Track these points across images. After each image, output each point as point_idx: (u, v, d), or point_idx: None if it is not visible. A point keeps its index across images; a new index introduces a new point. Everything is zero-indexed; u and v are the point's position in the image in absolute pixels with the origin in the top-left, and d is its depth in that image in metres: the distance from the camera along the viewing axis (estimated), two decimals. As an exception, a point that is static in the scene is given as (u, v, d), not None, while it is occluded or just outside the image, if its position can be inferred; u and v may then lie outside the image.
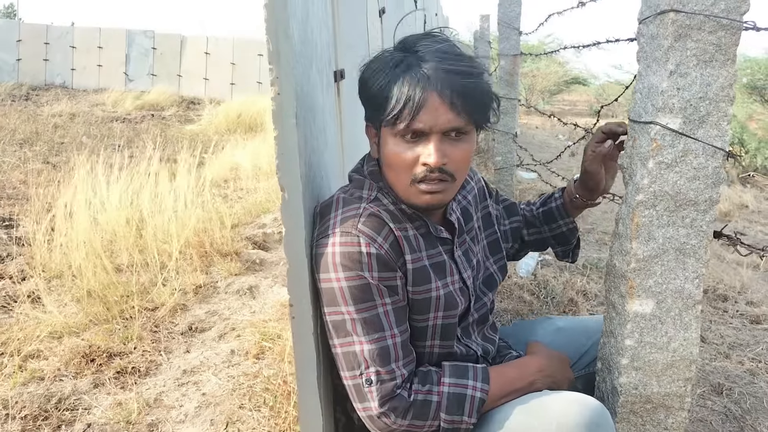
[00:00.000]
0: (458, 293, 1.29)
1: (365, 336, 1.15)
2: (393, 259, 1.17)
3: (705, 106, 1.19)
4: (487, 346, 1.41)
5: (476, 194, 1.48)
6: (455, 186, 1.20)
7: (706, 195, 1.22)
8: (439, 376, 1.21)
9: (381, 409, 1.15)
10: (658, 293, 1.26)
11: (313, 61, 1.30)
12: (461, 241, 1.35)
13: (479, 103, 1.16)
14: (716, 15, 1.15)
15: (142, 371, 2.21)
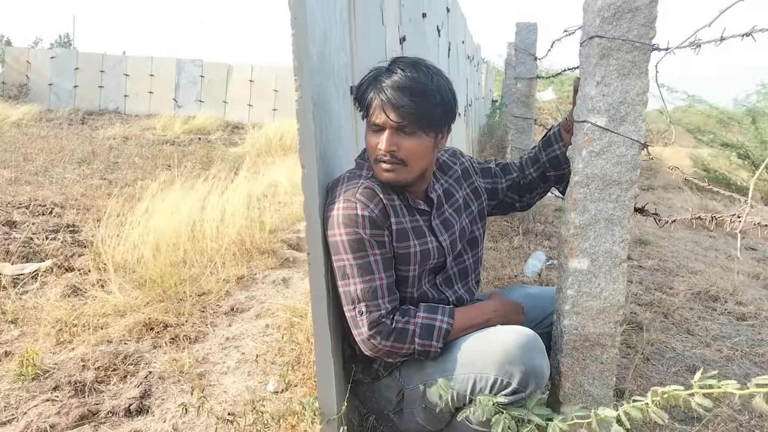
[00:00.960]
0: (434, 251, 1.68)
1: (359, 278, 1.55)
2: (381, 220, 1.57)
3: (624, 108, 1.56)
4: (466, 296, 1.79)
5: (460, 175, 1.86)
6: (409, 170, 1.59)
7: (627, 177, 1.59)
8: (415, 312, 1.61)
9: (369, 333, 1.55)
10: (592, 253, 1.62)
11: (330, 75, 1.72)
12: (440, 213, 1.73)
13: (422, 113, 1.55)
14: (630, 39, 1.53)
15: (192, 338, 2.63)
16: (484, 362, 1.52)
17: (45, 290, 3.34)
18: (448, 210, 1.77)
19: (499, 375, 1.49)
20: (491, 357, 1.51)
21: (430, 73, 1.59)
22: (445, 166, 1.84)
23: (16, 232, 4.69)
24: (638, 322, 3.10)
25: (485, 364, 1.51)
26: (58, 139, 11.32)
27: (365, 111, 1.61)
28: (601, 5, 1.53)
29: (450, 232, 1.75)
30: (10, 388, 2.21)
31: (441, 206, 1.75)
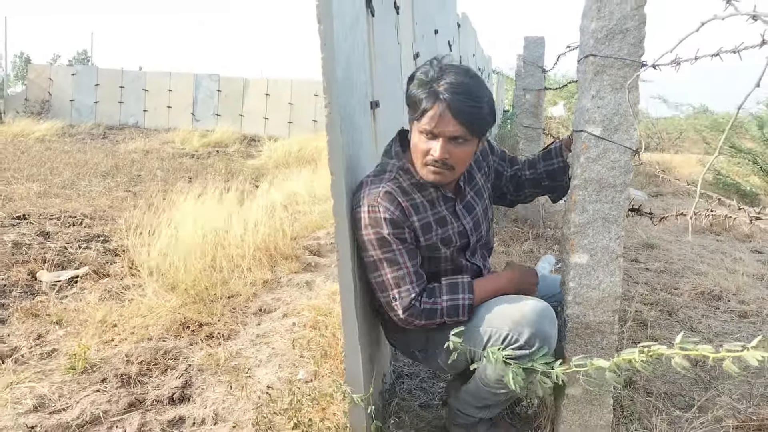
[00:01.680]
0: (455, 236, 1.91)
1: (389, 269, 1.78)
2: (402, 220, 1.78)
3: (617, 119, 1.75)
4: (486, 256, 2.09)
5: (480, 157, 2.07)
6: (455, 173, 1.80)
7: (621, 180, 1.78)
8: (440, 291, 1.84)
9: (403, 315, 1.80)
10: (590, 249, 1.81)
11: (354, 93, 1.93)
12: (463, 198, 1.96)
13: (477, 122, 1.72)
14: (621, 57, 1.72)
15: (225, 336, 2.84)
16: (500, 320, 1.75)
17: (84, 295, 3.56)
18: (470, 193, 1.99)
19: (511, 332, 1.72)
20: (509, 317, 1.74)
21: (480, 83, 1.76)
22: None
23: (50, 242, 4.93)
24: (643, 320, 3.27)
25: (502, 321, 1.75)
26: (82, 153, 11.65)
27: (415, 115, 1.75)
28: (595, 27, 1.72)
29: (472, 214, 1.98)
30: (62, 380, 2.43)
31: (464, 192, 1.97)
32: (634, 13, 1.70)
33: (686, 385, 2.65)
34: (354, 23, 2.05)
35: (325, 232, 4.90)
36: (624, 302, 3.56)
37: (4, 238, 4.86)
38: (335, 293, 3.23)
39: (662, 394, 2.52)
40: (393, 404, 2.18)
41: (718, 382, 2.67)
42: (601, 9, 1.72)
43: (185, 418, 2.17)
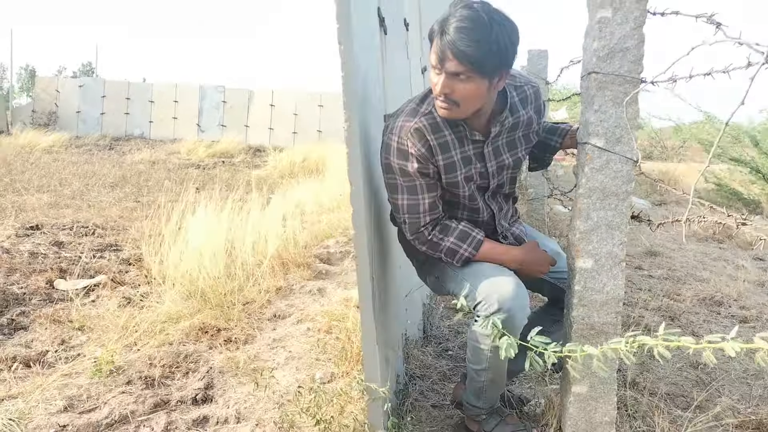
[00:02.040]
0: (476, 175, 2.05)
1: (407, 195, 1.98)
2: (427, 157, 1.93)
3: (619, 132, 1.86)
4: (503, 203, 2.21)
5: (525, 120, 2.10)
6: (462, 110, 1.88)
7: (623, 188, 1.89)
8: (452, 231, 2.03)
9: (410, 237, 2.04)
10: (595, 254, 1.92)
11: (370, 108, 2.05)
12: (494, 142, 2.05)
13: (478, 61, 1.76)
14: (622, 74, 1.84)
15: (242, 340, 2.95)
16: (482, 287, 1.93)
17: (102, 302, 3.67)
18: (502, 141, 2.07)
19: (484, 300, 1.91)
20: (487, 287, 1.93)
21: (490, 23, 1.76)
22: (519, 106, 2.08)
23: (65, 252, 5.05)
24: (646, 325, 3.36)
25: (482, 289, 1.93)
26: (90, 164, 11.81)
27: (430, 49, 1.87)
28: (597, 46, 1.84)
29: (498, 159, 2.08)
30: (89, 383, 2.53)
31: (497, 139, 2.06)
32: (634, 33, 1.82)
33: (688, 386, 2.75)
34: (370, 42, 2.18)
35: (334, 241, 5.01)
36: (627, 308, 3.66)
37: (20, 248, 4.97)
38: (347, 300, 3.34)
39: (664, 394, 2.62)
40: (407, 404, 2.29)
41: (719, 384, 2.76)
42: (602, 29, 1.83)
43: (209, 417, 2.27)
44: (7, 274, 4.23)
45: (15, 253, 4.76)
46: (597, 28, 1.84)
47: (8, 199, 7.31)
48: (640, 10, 1.82)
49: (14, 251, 4.83)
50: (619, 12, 1.82)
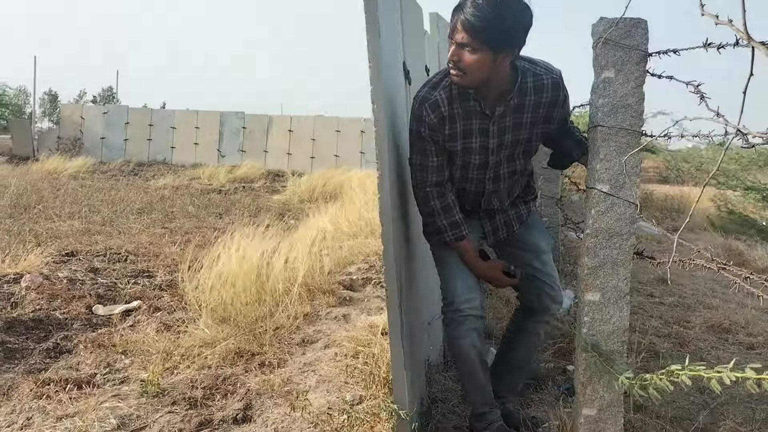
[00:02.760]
0: (477, 150, 2.29)
1: (418, 155, 2.29)
2: (437, 126, 2.22)
3: (622, 178, 2.08)
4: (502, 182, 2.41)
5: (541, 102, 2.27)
6: (469, 79, 2.11)
7: (627, 229, 2.10)
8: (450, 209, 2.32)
9: (414, 189, 2.36)
10: (602, 288, 2.12)
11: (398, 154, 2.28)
12: (500, 121, 2.26)
13: (482, 33, 2.01)
14: (624, 128, 2.06)
15: (275, 364, 3.17)
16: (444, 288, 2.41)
17: (141, 327, 3.91)
18: (509, 121, 2.27)
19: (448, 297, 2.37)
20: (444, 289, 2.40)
21: (501, 2, 2.00)
22: (532, 91, 2.25)
23: (100, 278, 5.31)
24: (656, 351, 3.54)
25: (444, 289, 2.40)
26: (116, 190, 12.16)
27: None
28: (602, 103, 2.06)
29: (502, 138, 2.29)
30: (137, 403, 2.76)
31: (504, 118, 2.26)
32: (635, 92, 2.04)
33: (694, 410, 2.91)
34: (396, 94, 2.42)
35: (356, 268, 5.24)
36: (639, 335, 3.83)
37: (59, 274, 5.24)
38: (371, 326, 3.55)
39: (671, 418, 2.79)
40: (430, 425, 2.48)
41: (724, 408, 2.93)
42: (606, 88, 2.06)
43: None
44: (49, 300, 4.49)
45: (54, 280, 5.02)
46: (602, 86, 2.07)
47: (42, 226, 7.61)
48: (640, 72, 2.04)
49: (53, 278, 5.09)
50: (621, 73, 2.05)
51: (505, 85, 2.21)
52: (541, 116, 2.30)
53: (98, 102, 70.65)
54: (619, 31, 2.02)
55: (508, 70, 2.19)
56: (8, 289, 4.70)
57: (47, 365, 3.36)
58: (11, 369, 3.30)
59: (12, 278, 4.95)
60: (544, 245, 2.58)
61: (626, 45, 2.02)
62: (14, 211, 8.69)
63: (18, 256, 5.76)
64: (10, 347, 3.59)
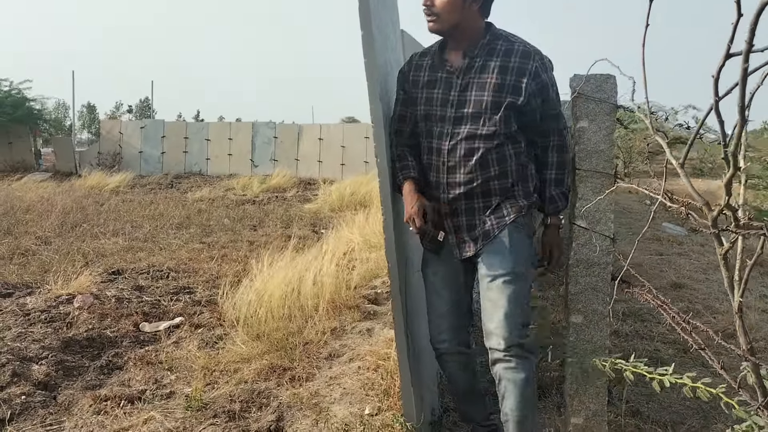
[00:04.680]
0: (438, 99, 2.32)
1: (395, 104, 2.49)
2: (404, 73, 2.44)
3: (598, 215, 2.35)
4: (461, 153, 2.27)
5: (509, 67, 2.23)
6: (441, 21, 2.24)
7: (604, 259, 2.37)
8: (398, 156, 2.42)
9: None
10: (584, 311, 2.40)
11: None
12: (465, 77, 2.29)
13: None
14: (598, 171, 2.33)
15: (304, 378, 3.50)
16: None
17: (184, 344, 4.30)
18: (474, 79, 2.27)
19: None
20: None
21: None
22: (501, 53, 2.25)
23: (145, 295, 5.73)
24: (660, 357, 3.77)
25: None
26: (155, 204, 12.69)
27: None
28: (578, 149, 2.34)
29: (463, 93, 2.28)
30: (183, 416, 3.12)
31: (468, 72, 2.29)
32: (606, 139, 2.32)
33: (689, 414, 3.16)
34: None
35: (381, 281, 5.56)
36: (645, 341, 4.07)
37: (107, 293, 5.67)
38: (391, 340, 3.86)
39: (666, 422, 3.04)
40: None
41: (716, 412, 3.16)
42: (581, 136, 2.34)
43: (281, 444, 2.82)
44: (100, 319, 4.91)
45: (104, 299, 5.45)
46: (578, 134, 2.35)
47: (88, 245, 8.11)
48: (611, 122, 2.32)
49: (102, 297, 5.52)
50: (594, 123, 2.33)
51: (476, 36, 2.28)
52: (508, 84, 2.22)
53: (134, 111, 72.55)
54: (590, 86, 2.30)
55: (479, 21, 2.29)
56: (63, 309, 5.13)
57: (102, 381, 3.76)
58: (70, 386, 3.70)
59: (65, 299, 5.40)
60: (503, 270, 2.22)
61: (597, 98, 2.30)
62: (62, 230, 9.23)
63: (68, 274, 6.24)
64: (68, 365, 4.00)
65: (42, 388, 3.63)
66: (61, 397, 3.53)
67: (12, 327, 4.68)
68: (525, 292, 2.23)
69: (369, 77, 2.26)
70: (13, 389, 3.54)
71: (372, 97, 2.27)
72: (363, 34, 2.22)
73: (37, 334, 4.51)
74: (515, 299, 2.17)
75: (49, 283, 5.81)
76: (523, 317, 2.19)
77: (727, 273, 1.27)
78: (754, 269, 4.85)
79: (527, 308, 2.24)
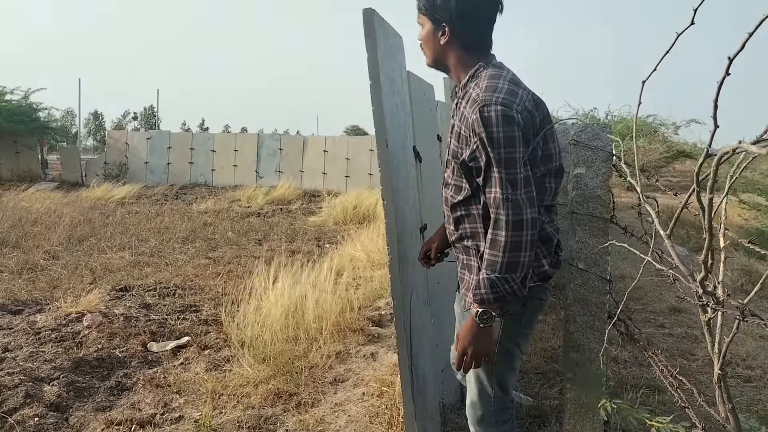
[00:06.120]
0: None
1: None
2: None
3: (594, 256, 2.45)
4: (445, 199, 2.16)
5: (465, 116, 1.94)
6: (426, 57, 2.13)
7: (600, 300, 2.46)
8: None
9: None
10: (581, 349, 2.49)
11: (411, 233, 2.69)
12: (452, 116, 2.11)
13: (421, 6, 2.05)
14: (594, 215, 2.43)
15: (310, 404, 3.59)
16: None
17: (191, 366, 4.39)
18: (454, 120, 2.06)
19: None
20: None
21: None
22: (469, 97, 1.95)
23: (152, 314, 5.83)
24: (657, 386, 3.85)
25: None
26: (161, 216, 12.81)
27: None
28: (575, 194, 2.44)
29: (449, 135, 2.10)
30: (192, 441, 3.22)
31: (455, 113, 2.07)
32: (603, 185, 2.42)
33: (684, 444, 3.23)
34: (407, 178, 2.83)
35: (384, 302, 5.65)
36: (643, 369, 4.15)
37: (115, 311, 5.77)
38: (395, 365, 3.95)
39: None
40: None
41: None
42: (579, 182, 2.44)
43: (287, 472, 2.91)
44: (108, 338, 5.01)
45: (112, 317, 5.55)
46: (575, 180, 2.45)
47: (96, 260, 8.23)
48: (607, 168, 2.42)
49: (111, 315, 5.62)
50: (590, 169, 2.43)
51: (461, 72, 2.05)
52: (463, 134, 1.96)
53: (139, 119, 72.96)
54: (587, 134, 2.41)
55: (457, 56, 2.04)
56: (72, 328, 5.24)
57: (112, 403, 3.85)
58: (81, 407, 3.79)
59: (75, 317, 5.50)
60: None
61: (594, 146, 2.40)
62: (69, 244, 9.35)
63: (77, 290, 6.36)
64: (78, 386, 4.09)
65: (54, 409, 3.73)
66: (72, 419, 3.63)
67: (23, 346, 4.79)
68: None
69: (377, 124, 2.36)
70: (27, 411, 3.64)
71: (379, 143, 2.37)
72: (371, 84, 2.33)
73: (49, 353, 4.62)
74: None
75: (59, 300, 5.93)
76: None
77: (710, 338, 1.36)
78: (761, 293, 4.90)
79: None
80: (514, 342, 2.02)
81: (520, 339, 2.05)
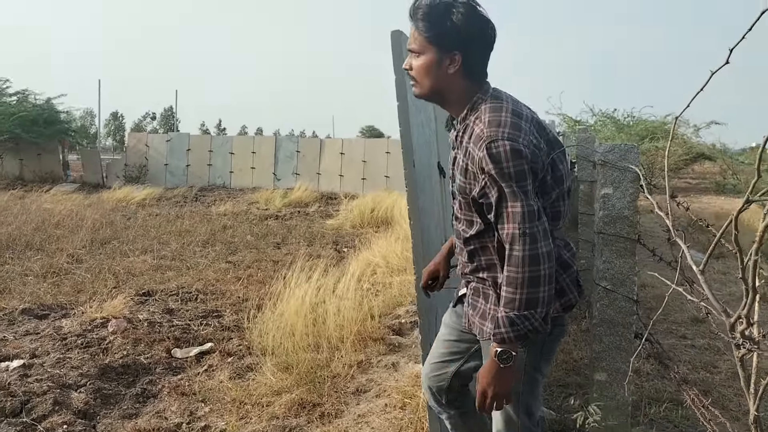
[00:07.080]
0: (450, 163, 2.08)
1: None
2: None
3: (620, 277, 2.46)
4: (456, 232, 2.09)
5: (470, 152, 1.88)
6: (420, 86, 1.95)
7: (626, 320, 2.47)
8: None
9: None
10: (608, 369, 2.50)
11: (434, 247, 2.71)
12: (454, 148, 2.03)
13: (429, 31, 1.87)
14: (621, 235, 2.44)
15: (333, 415, 3.63)
16: None
17: (215, 373, 4.44)
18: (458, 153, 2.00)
19: None
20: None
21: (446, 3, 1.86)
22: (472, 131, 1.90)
23: (176, 319, 5.90)
24: (679, 400, 3.84)
25: None
26: (181, 219, 12.94)
27: None
28: (602, 215, 2.45)
29: (453, 167, 2.04)
30: (218, 452, 3.27)
31: (458, 145, 2.00)
32: (630, 205, 2.43)
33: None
34: (431, 194, 2.85)
35: (404, 310, 5.68)
36: (665, 382, 4.14)
37: (139, 317, 5.84)
38: (417, 376, 3.98)
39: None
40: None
41: None
42: (606, 202, 2.45)
43: (312, 484, 2.95)
44: (133, 344, 5.07)
45: (136, 323, 5.62)
46: (602, 200, 2.46)
47: (118, 263, 8.34)
48: (634, 188, 2.43)
49: (135, 320, 5.70)
50: (618, 189, 2.43)
51: (463, 101, 1.96)
52: (470, 170, 1.90)
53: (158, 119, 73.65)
54: (615, 155, 2.42)
55: (463, 85, 1.94)
56: (98, 333, 5.31)
57: (138, 410, 3.91)
58: (108, 414, 3.86)
59: (100, 322, 5.58)
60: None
61: (622, 166, 2.41)
62: (92, 247, 9.48)
63: (101, 295, 6.45)
64: (105, 393, 4.16)
65: (82, 417, 3.79)
66: (100, 426, 3.70)
67: (50, 352, 4.87)
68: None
69: (404, 144, 2.39)
70: (55, 418, 3.71)
71: (406, 163, 2.40)
72: (399, 104, 2.36)
73: (75, 360, 4.69)
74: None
75: (83, 305, 6.01)
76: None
77: (743, 373, 1.37)
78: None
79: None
80: (537, 369, 2.00)
81: (542, 365, 2.02)
